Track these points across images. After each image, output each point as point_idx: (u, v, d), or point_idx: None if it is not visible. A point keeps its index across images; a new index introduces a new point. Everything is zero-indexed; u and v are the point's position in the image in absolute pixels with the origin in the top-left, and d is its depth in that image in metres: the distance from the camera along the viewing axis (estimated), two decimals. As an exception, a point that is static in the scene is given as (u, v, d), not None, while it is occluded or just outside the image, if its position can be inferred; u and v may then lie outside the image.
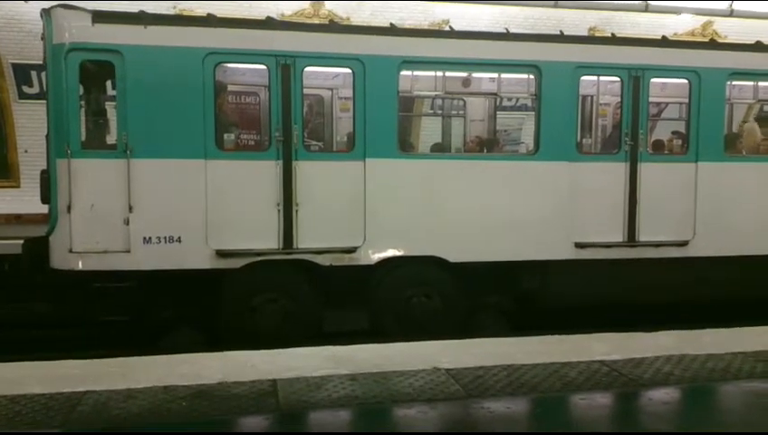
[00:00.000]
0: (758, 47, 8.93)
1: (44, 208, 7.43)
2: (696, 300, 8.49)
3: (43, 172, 7.38)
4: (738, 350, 6.08)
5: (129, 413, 4.52)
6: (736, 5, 16.14)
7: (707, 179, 8.41)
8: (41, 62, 7.61)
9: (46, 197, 7.23)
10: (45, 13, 7.11)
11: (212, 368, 5.45)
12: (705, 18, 16.27)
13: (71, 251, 7.05)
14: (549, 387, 5.12)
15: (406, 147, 8.45)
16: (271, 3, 13.90)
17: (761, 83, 8.93)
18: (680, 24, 16.09)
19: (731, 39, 14.89)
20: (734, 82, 8.66)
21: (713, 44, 10.38)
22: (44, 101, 7.45)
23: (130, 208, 7.07)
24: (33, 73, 13.31)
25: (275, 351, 6.00)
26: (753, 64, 8.65)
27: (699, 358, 5.84)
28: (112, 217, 7.10)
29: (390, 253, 7.73)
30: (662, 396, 5.06)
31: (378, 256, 7.69)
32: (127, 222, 7.10)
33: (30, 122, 12.68)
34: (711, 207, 8.43)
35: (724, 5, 16.17)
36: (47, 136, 7.30)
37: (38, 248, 7.27)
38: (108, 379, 5.14)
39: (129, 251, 7.11)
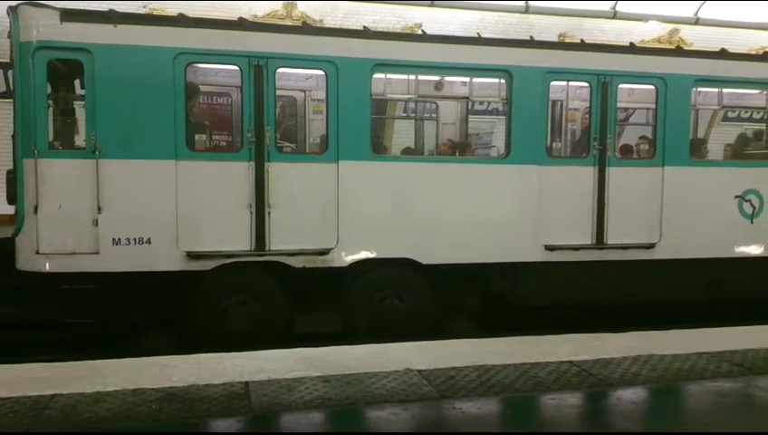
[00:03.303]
0: (723, 55, 9.16)
1: (11, 209, 7.30)
2: (664, 302, 8.67)
3: (9, 172, 7.26)
4: (703, 350, 6.20)
5: (99, 417, 4.46)
6: (702, 13, 16.52)
7: (673, 184, 8.59)
8: (7, 61, 7.47)
9: (12, 197, 7.10)
10: (12, 10, 6.98)
11: (183, 370, 5.40)
12: (672, 26, 16.65)
13: (38, 252, 6.93)
14: (520, 387, 5.17)
15: (379, 149, 8.48)
16: (243, 4, 13.84)
17: (725, 90, 9.15)
18: (647, 32, 16.42)
19: (697, 46, 15.24)
20: (699, 89, 8.86)
21: (679, 51, 10.62)
22: (11, 100, 7.31)
23: (99, 209, 6.98)
24: (0, 72, 13.07)
25: (247, 353, 5.96)
26: (718, 71, 8.86)
27: (666, 358, 5.95)
28: (80, 218, 6.99)
29: (363, 255, 7.74)
30: (630, 396, 5.15)
31: (350, 258, 7.70)
32: (96, 223, 7.00)
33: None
34: (677, 210, 8.61)
35: (689, 13, 16.53)
36: (14, 135, 7.17)
37: (4, 250, 7.13)
38: (76, 382, 5.06)
39: (97, 252, 7.01)
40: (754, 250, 9.04)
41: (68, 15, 6.98)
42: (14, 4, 7.04)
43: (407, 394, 4.95)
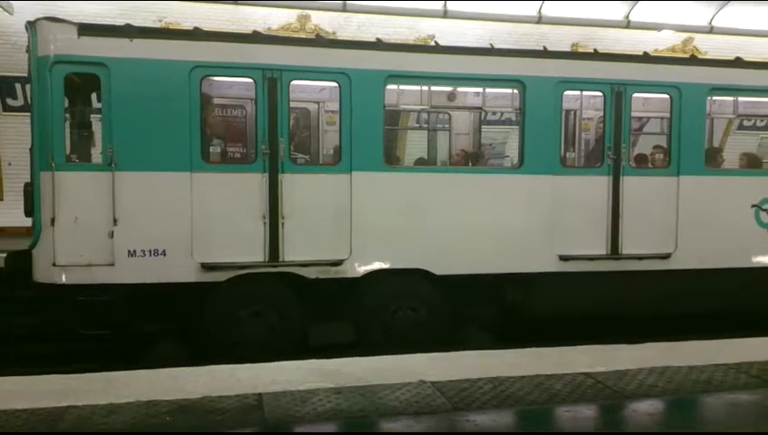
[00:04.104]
0: (737, 63, 9.09)
1: (28, 222, 7.38)
2: (680, 312, 8.57)
3: (26, 185, 7.33)
4: (720, 362, 6.14)
5: (112, 428, 4.48)
6: (716, 22, 16.43)
7: (689, 193, 8.51)
8: (25, 75, 7.58)
9: (30, 210, 7.18)
10: (30, 25, 7.08)
11: (196, 382, 5.42)
12: (686, 34, 16.55)
13: (54, 264, 6.99)
14: (534, 399, 5.13)
15: (392, 160, 8.49)
16: (257, 17, 13.96)
17: (740, 99, 9.07)
18: (661, 41, 16.34)
19: (711, 55, 15.15)
20: (714, 98, 8.79)
21: (693, 60, 10.54)
22: (29, 114, 7.41)
23: (115, 221, 7.04)
24: (18, 86, 13.25)
25: (260, 364, 5.98)
26: (732, 80, 8.80)
27: (682, 370, 5.89)
28: (96, 230, 7.05)
29: (376, 266, 7.74)
30: (647, 408, 5.10)
31: (364, 269, 7.69)
32: (111, 235, 7.06)
33: (14, 135, 12.60)
34: (693, 220, 8.52)
35: (704, 22, 16.45)
36: (31, 149, 7.26)
37: (21, 262, 7.21)
38: (90, 394, 5.09)
39: (113, 264, 7.07)
40: (772, 260, 8.93)
41: (85, 30, 7.07)
42: (32, 18, 7.15)
43: (420, 406, 4.93)
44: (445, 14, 15.11)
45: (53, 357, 7.22)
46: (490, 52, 8.53)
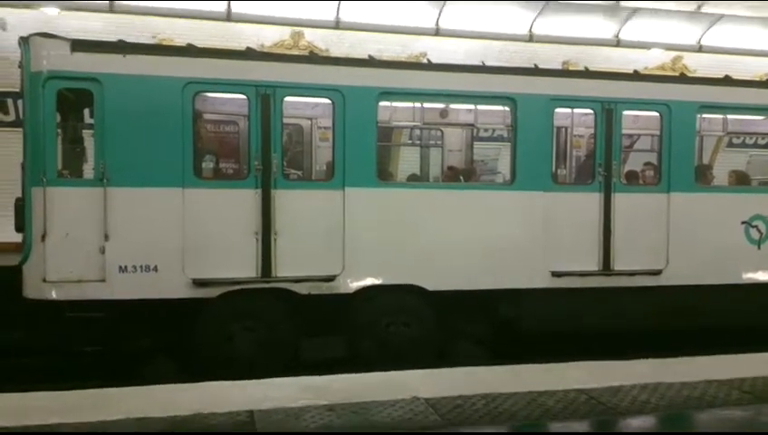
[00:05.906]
0: (726, 81, 9.20)
1: (19, 237, 7.34)
2: (670, 328, 8.59)
3: (17, 200, 7.30)
4: (712, 378, 6.15)
5: (103, 445, 4.44)
6: (705, 41, 16.63)
7: (679, 210, 8.56)
8: (18, 90, 7.56)
9: (21, 225, 7.14)
10: (23, 41, 7.09)
11: (187, 399, 5.38)
12: (675, 53, 16.72)
13: (44, 280, 6.95)
14: (527, 416, 5.12)
15: (384, 176, 8.51)
16: (251, 33, 14.02)
17: (729, 116, 9.16)
18: (651, 59, 16.50)
19: (700, 73, 15.30)
20: (703, 115, 8.87)
21: (683, 78, 10.67)
22: (21, 129, 7.39)
23: (106, 237, 7.01)
24: (10, 101, 13.23)
25: (252, 381, 5.94)
26: (721, 98, 8.89)
27: (674, 386, 5.89)
28: (88, 246, 7.02)
29: (369, 281, 7.73)
30: (640, 424, 5.10)
31: (356, 285, 7.68)
32: (102, 251, 7.02)
33: (5, 150, 12.53)
34: (683, 236, 8.57)
35: (693, 41, 16.64)
36: (23, 164, 7.24)
37: (11, 278, 7.15)
38: (80, 411, 5.04)
39: (104, 280, 7.03)
40: (762, 276, 8.98)
41: (78, 46, 7.08)
42: (25, 34, 7.16)
43: (413, 423, 4.91)
44: (437, 32, 15.22)
45: (43, 373, 7.15)
46: (482, 69, 8.60)
